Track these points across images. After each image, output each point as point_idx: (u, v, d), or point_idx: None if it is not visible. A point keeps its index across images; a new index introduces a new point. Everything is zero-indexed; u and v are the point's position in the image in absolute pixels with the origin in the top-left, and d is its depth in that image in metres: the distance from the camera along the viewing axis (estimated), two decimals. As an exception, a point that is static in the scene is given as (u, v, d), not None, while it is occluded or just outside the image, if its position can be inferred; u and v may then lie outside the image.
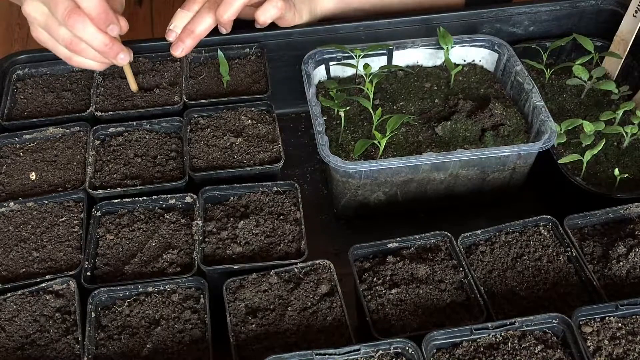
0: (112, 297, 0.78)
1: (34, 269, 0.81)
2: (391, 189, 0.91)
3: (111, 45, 0.86)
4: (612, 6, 1.09)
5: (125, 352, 0.74)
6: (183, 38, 0.92)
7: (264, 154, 0.93)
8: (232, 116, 0.97)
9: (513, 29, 1.09)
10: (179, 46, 0.92)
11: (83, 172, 0.91)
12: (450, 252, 0.81)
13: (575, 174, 0.90)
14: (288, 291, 0.78)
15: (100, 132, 0.95)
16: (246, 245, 0.83)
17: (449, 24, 1.04)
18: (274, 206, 0.87)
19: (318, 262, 0.80)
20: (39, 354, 0.74)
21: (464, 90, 1.00)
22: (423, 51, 1.04)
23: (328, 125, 0.95)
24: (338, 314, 0.76)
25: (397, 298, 0.77)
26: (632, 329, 0.73)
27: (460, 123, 0.93)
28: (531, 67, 1.03)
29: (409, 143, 0.93)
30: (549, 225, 0.84)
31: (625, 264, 0.79)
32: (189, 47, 0.92)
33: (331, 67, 1.03)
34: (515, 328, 0.72)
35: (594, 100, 1.02)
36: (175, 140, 0.95)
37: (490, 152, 0.88)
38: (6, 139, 0.95)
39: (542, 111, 0.91)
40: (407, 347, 0.70)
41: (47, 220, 0.86)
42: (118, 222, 0.86)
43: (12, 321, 0.76)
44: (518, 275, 0.80)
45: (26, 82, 1.02)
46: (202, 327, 0.76)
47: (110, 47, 0.87)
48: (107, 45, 0.86)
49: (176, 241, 0.84)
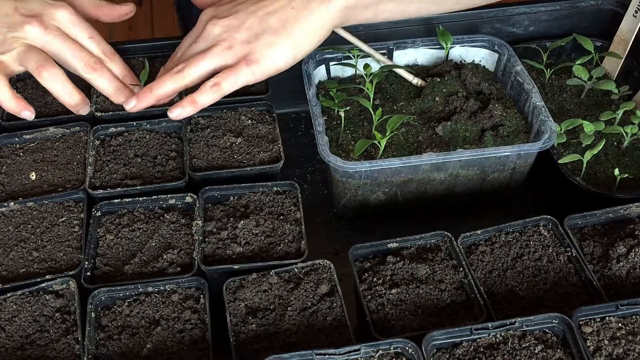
0: (112, 297, 0.78)
1: (34, 269, 0.81)
2: (391, 189, 0.91)
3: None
4: (612, 6, 1.09)
5: (125, 352, 0.74)
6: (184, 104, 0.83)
7: (264, 154, 0.93)
8: (232, 116, 0.97)
9: (513, 29, 1.09)
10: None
11: (83, 172, 0.91)
12: (450, 252, 0.81)
13: (575, 174, 0.90)
14: (288, 291, 0.78)
15: (100, 132, 0.95)
16: (246, 245, 0.83)
17: (449, 24, 1.04)
18: (274, 206, 0.87)
19: (318, 262, 0.80)
20: (39, 354, 0.74)
21: (464, 91, 0.99)
22: (423, 51, 1.04)
23: (328, 125, 0.95)
24: (338, 314, 0.76)
25: (397, 298, 0.77)
26: (632, 329, 0.73)
27: (461, 123, 0.93)
28: (531, 67, 1.03)
29: (409, 143, 0.93)
30: (549, 225, 0.84)
31: (625, 264, 0.79)
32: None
33: (331, 67, 1.03)
34: (515, 328, 0.72)
35: (594, 100, 1.02)
36: (175, 140, 0.95)
37: (490, 152, 0.88)
38: (6, 139, 0.95)
39: (542, 111, 0.91)
40: (407, 347, 0.70)
41: (47, 220, 0.86)
42: (118, 222, 0.86)
43: (12, 321, 0.76)
44: (518, 275, 0.80)
45: (26, 82, 1.02)
46: (202, 327, 0.76)
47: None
48: None
49: (176, 241, 0.84)
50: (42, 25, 0.80)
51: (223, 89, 0.81)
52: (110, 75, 0.83)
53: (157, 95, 0.81)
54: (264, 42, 0.81)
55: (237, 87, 0.81)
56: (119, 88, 0.84)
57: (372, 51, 0.99)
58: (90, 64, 0.81)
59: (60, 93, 0.82)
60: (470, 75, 1.00)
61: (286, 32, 0.81)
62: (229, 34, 0.81)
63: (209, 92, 0.80)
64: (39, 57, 0.80)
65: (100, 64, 0.82)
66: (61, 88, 0.81)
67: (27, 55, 0.80)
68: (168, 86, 0.81)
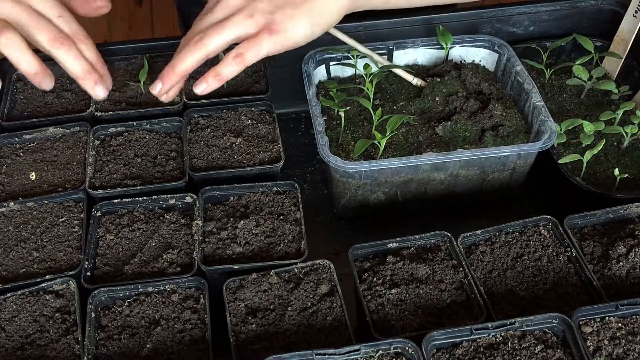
0: (112, 297, 0.78)
1: (34, 269, 0.81)
2: (391, 189, 0.91)
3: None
4: (612, 6, 1.09)
5: (125, 352, 0.74)
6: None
7: (264, 154, 0.93)
8: (232, 116, 0.97)
9: (513, 29, 1.09)
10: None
11: (83, 172, 0.91)
12: (450, 252, 0.81)
13: (575, 174, 0.90)
14: (288, 291, 0.78)
15: (100, 132, 0.95)
16: (246, 245, 0.83)
17: (449, 24, 1.04)
18: (274, 206, 0.87)
19: (318, 262, 0.80)
20: (39, 354, 0.74)
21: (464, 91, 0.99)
22: (423, 51, 1.04)
23: (328, 125, 0.95)
24: (338, 314, 0.76)
25: (397, 298, 0.77)
26: (632, 329, 0.73)
27: (460, 123, 0.93)
28: (531, 67, 1.03)
29: (409, 143, 0.93)
30: (549, 225, 0.84)
31: (625, 264, 0.79)
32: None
33: (331, 67, 1.03)
34: (515, 328, 0.72)
35: (594, 100, 1.02)
36: (175, 140, 0.95)
37: (490, 152, 0.88)
38: (6, 139, 0.95)
39: (542, 111, 0.91)
40: (407, 347, 0.70)
41: (47, 220, 0.86)
42: (118, 222, 0.86)
43: (12, 321, 0.76)
44: (518, 275, 0.80)
45: (26, 82, 1.02)
46: (202, 327, 0.76)
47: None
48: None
49: (176, 241, 0.84)
50: (12, 1, 0.77)
51: (246, 59, 0.79)
52: (78, 53, 0.78)
53: (180, 72, 0.80)
54: (285, 13, 0.79)
55: (260, 57, 0.80)
56: (88, 70, 0.78)
57: (370, 52, 0.99)
58: (58, 38, 0.77)
59: (18, 59, 0.77)
60: (470, 75, 1.00)
61: (306, 7, 0.80)
62: (250, 3, 0.80)
63: (232, 63, 0.79)
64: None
65: (69, 39, 0.78)
66: (19, 54, 0.76)
67: None
68: (188, 60, 0.79)
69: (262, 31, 0.79)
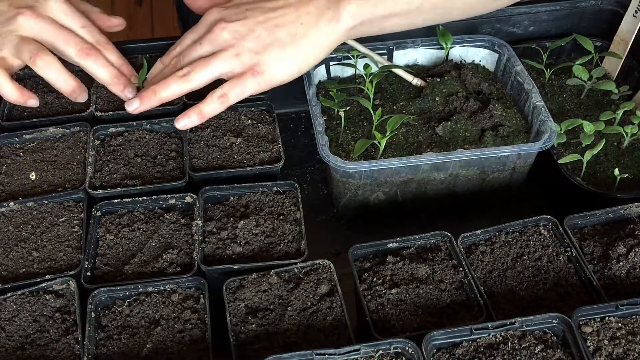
0: (112, 297, 0.78)
1: (34, 269, 0.81)
2: (391, 189, 0.91)
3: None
4: (612, 6, 1.09)
5: (125, 352, 0.74)
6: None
7: (263, 154, 0.93)
8: (232, 116, 0.97)
9: (513, 29, 1.09)
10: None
11: (83, 172, 0.91)
12: (450, 252, 0.81)
13: (575, 174, 0.90)
14: (288, 291, 0.78)
15: (100, 132, 0.95)
16: (246, 245, 0.83)
17: (449, 24, 1.04)
18: (274, 206, 0.87)
19: (318, 262, 0.80)
20: (39, 354, 0.74)
21: (464, 91, 0.99)
22: (423, 51, 1.04)
23: (328, 125, 0.95)
24: (338, 314, 0.76)
25: (397, 298, 0.77)
26: (632, 329, 0.73)
27: (460, 123, 0.93)
28: (531, 67, 1.03)
29: (409, 143, 0.93)
30: (549, 225, 0.84)
31: (625, 264, 0.79)
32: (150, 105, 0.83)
33: (331, 67, 1.03)
34: (515, 328, 0.72)
35: (594, 100, 1.02)
36: (175, 140, 0.95)
37: (490, 152, 0.88)
38: (6, 139, 0.95)
39: (542, 111, 0.91)
40: (407, 347, 0.70)
41: (47, 220, 0.86)
42: (118, 222, 0.86)
43: (12, 321, 0.76)
44: (518, 275, 0.80)
45: (26, 82, 1.02)
46: (202, 327, 0.76)
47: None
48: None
49: (176, 241, 0.84)
50: (34, 15, 0.80)
51: (230, 99, 0.80)
52: (105, 61, 0.82)
53: (160, 98, 0.81)
54: (271, 54, 0.80)
55: (243, 97, 0.81)
56: (116, 75, 0.82)
57: (370, 52, 0.99)
58: (85, 50, 0.80)
59: (56, 80, 0.81)
60: (470, 75, 1.00)
61: (294, 47, 0.81)
62: (238, 41, 0.80)
63: (215, 102, 0.80)
64: (32, 47, 0.79)
65: (95, 49, 0.81)
66: (56, 75, 0.80)
67: (22, 46, 0.79)
68: (172, 89, 0.80)
69: (246, 72, 0.80)
